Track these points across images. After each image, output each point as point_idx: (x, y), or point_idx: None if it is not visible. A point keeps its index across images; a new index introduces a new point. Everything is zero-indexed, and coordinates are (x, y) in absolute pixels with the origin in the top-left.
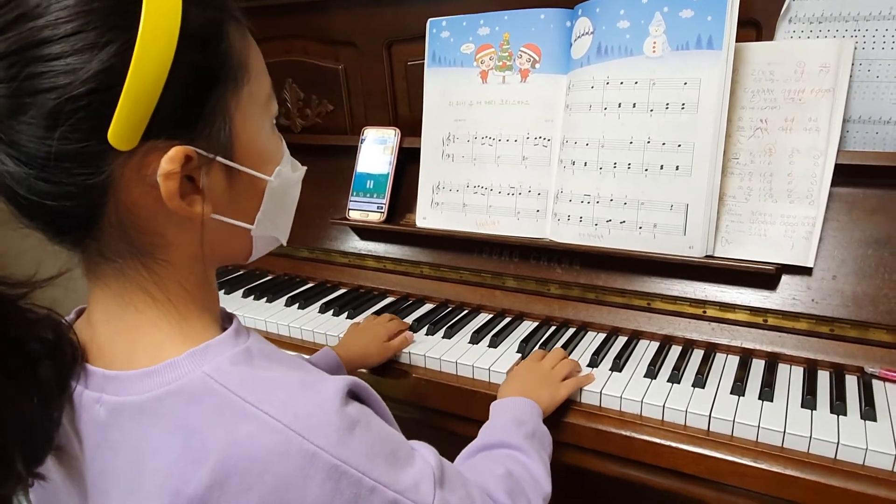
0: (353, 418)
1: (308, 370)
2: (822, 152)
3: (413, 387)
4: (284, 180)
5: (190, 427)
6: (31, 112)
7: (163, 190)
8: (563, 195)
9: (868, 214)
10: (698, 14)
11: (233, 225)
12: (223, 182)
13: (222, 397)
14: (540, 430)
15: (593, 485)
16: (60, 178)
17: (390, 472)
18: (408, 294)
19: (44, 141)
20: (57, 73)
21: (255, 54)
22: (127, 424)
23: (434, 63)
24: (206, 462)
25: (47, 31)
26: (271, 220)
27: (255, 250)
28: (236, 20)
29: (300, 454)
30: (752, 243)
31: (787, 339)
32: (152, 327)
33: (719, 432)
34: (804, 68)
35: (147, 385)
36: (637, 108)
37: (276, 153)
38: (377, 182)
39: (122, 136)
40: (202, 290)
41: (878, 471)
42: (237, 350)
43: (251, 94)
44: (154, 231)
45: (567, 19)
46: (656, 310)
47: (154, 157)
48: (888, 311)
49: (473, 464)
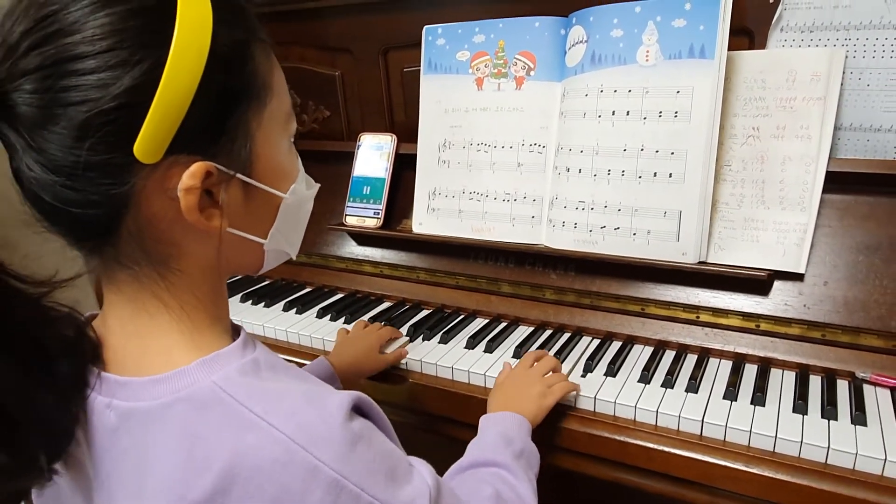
0: (355, 433)
1: (314, 382)
2: (813, 159)
3: (410, 392)
4: (299, 197)
5: (196, 434)
6: (62, 123)
7: (182, 203)
8: (558, 201)
9: (859, 221)
10: (691, 23)
11: (246, 238)
12: (240, 197)
13: (230, 407)
14: (528, 449)
15: (587, 489)
16: (85, 187)
17: (389, 490)
18: (404, 299)
19: (72, 151)
20: (89, 88)
21: (278, 74)
22: (136, 430)
23: (430, 70)
24: (210, 469)
25: (82, 46)
26: (284, 235)
27: (266, 263)
28: (262, 41)
29: (302, 466)
30: (744, 249)
31: (779, 344)
32: (163, 334)
33: (712, 437)
34: (796, 77)
35: (157, 392)
36: (631, 115)
37: (292, 170)
38: (374, 188)
39: (147, 151)
40: (214, 300)
41: (868, 475)
42: (245, 360)
43: (272, 113)
44: (171, 241)
45: (561, 27)
46: (650, 315)
47: (176, 171)
48: (879, 317)
49: (462, 481)
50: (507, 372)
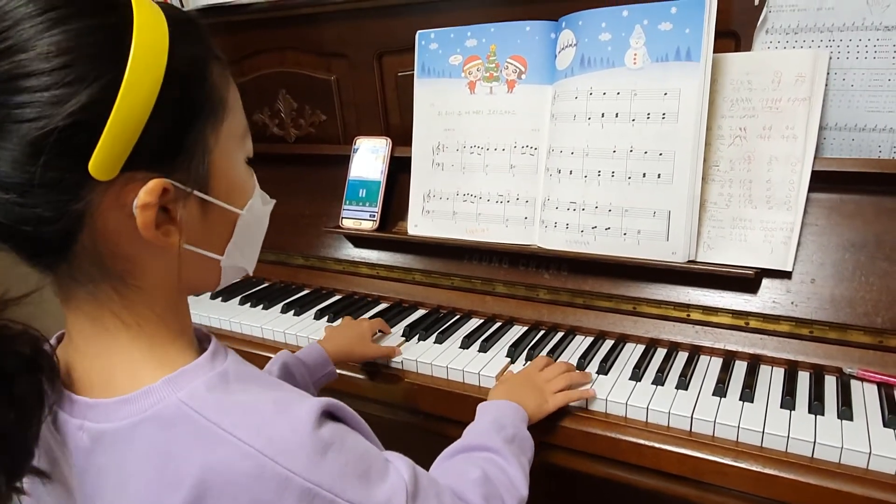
0: (325, 441)
1: (284, 390)
2: (799, 159)
3: (405, 391)
4: (255, 213)
5: (166, 453)
6: (14, 140)
7: (139, 220)
8: (550, 203)
9: (845, 219)
10: (677, 27)
11: (203, 255)
12: (197, 214)
13: (197, 423)
14: (521, 435)
15: (580, 485)
16: (38, 205)
17: (363, 491)
18: (401, 300)
19: (25, 167)
20: (43, 104)
21: (233, 91)
22: (109, 450)
23: (423, 74)
24: (182, 486)
25: (36, 63)
26: (240, 251)
27: (223, 279)
28: (217, 58)
29: (273, 478)
30: (732, 248)
31: (768, 341)
32: (126, 353)
33: (701, 433)
34: (781, 78)
35: (124, 412)
36: (619, 117)
37: (248, 187)
38: (369, 190)
39: (102, 167)
40: (173, 315)
41: (854, 469)
42: (212, 374)
43: (229, 129)
44: (127, 257)
45: (551, 31)
46: (642, 314)
47: (132, 187)
48: (865, 313)
49: (452, 465)
50: (512, 373)
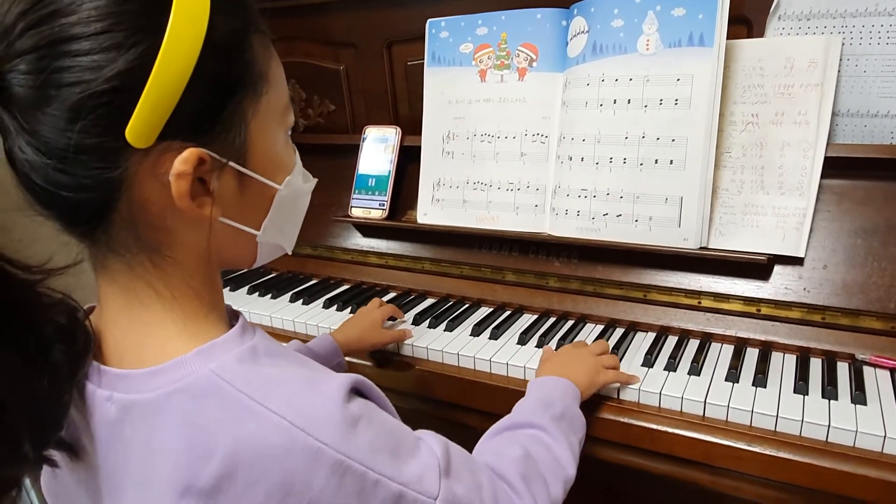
0: (355, 414)
1: (312, 367)
2: (811, 145)
3: (417, 379)
4: (294, 190)
5: (197, 424)
6: (54, 104)
7: (174, 189)
8: (561, 190)
9: (857, 205)
10: (690, 12)
11: (240, 230)
12: (234, 187)
13: (228, 395)
14: (570, 412)
15: (593, 471)
16: (77, 170)
17: (394, 466)
18: (410, 289)
19: (64, 133)
20: (83, 69)
21: (276, 66)
22: (137, 422)
23: (433, 63)
24: (213, 457)
25: (78, 27)
26: (278, 229)
27: (259, 257)
28: (261, 32)
29: (305, 450)
30: (744, 235)
31: (780, 327)
32: (158, 325)
33: (714, 417)
34: (793, 64)
35: (155, 383)
36: (632, 104)
37: (288, 163)
38: (379, 180)
39: (139, 135)
40: (207, 289)
41: (868, 452)
42: (243, 348)
43: (269, 104)
44: (163, 228)
45: (563, 18)
46: (653, 301)
47: (168, 156)
48: (878, 299)
49: (495, 443)
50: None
